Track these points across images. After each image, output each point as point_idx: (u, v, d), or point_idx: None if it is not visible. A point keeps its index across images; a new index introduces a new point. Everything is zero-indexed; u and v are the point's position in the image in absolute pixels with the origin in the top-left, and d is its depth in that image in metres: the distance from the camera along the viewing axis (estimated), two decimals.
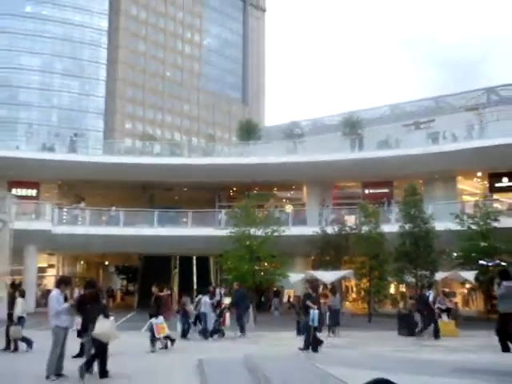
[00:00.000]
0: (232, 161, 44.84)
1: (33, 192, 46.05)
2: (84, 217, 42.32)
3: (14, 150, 44.32)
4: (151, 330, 17.01)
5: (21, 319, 17.63)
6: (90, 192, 48.50)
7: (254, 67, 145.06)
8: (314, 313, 17.01)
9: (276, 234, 34.06)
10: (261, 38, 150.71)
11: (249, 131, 56.46)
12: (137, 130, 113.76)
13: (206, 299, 22.80)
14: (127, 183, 46.29)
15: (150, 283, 22.56)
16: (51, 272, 46.47)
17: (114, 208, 42.61)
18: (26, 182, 45.42)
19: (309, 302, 17.54)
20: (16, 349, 17.59)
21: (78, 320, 13.92)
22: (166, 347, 18.03)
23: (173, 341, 18.40)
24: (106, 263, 58.54)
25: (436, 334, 22.21)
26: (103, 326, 12.28)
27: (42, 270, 44.61)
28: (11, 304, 18.17)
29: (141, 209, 43.01)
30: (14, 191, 41.62)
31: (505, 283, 15.20)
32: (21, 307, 17.76)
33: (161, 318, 17.05)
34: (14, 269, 36.21)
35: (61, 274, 45.41)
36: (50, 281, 43.63)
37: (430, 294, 24.33)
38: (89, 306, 12.85)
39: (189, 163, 44.60)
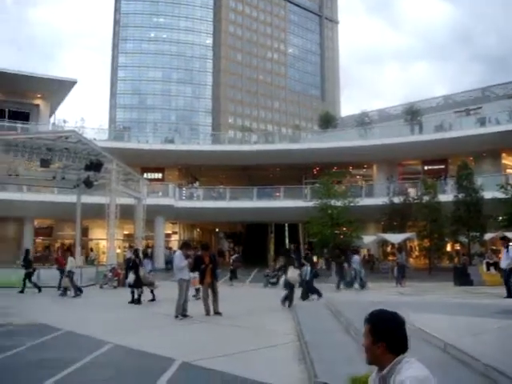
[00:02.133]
0: (314, 146, 44.63)
1: (159, 175, 47.60)
2: (198, 194, 43.45)
3: (144, 144, 45.28)
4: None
5: (70, 273, 19.19)
6: (203, 174, 49.69)
7: (330, 69, 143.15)
8: (307, 269, 17.05)
9: (352, 204, 33.95)
10: (335, 45, 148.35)
11: (327, 121, 56.06)
12: (237, 123, 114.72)
13: (356, 257, 22.89)
14: (231, 166, 47.03)
15: (252, 245, 22.95)
16: (175, 237, 47.87)
17: (221, 186, 43.51)
18: (154, 167, 46.94)
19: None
20: (64, 294, 18.94)
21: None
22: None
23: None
24: (217, 230, 59.68)
25: None
26: (293, 273, 14.40)
27: (167, 235, 45.93)
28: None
29: (243, 186, 43.73)
30: (145, 175, 42.79)
31: None
32: (69, 264, 19.41)
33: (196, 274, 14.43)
34: (147, 235, 37.84)
35: (182, 238, 46.87)
36: (174, 244, 45.10)
37: None
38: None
39: (279, 148, 44.79)
